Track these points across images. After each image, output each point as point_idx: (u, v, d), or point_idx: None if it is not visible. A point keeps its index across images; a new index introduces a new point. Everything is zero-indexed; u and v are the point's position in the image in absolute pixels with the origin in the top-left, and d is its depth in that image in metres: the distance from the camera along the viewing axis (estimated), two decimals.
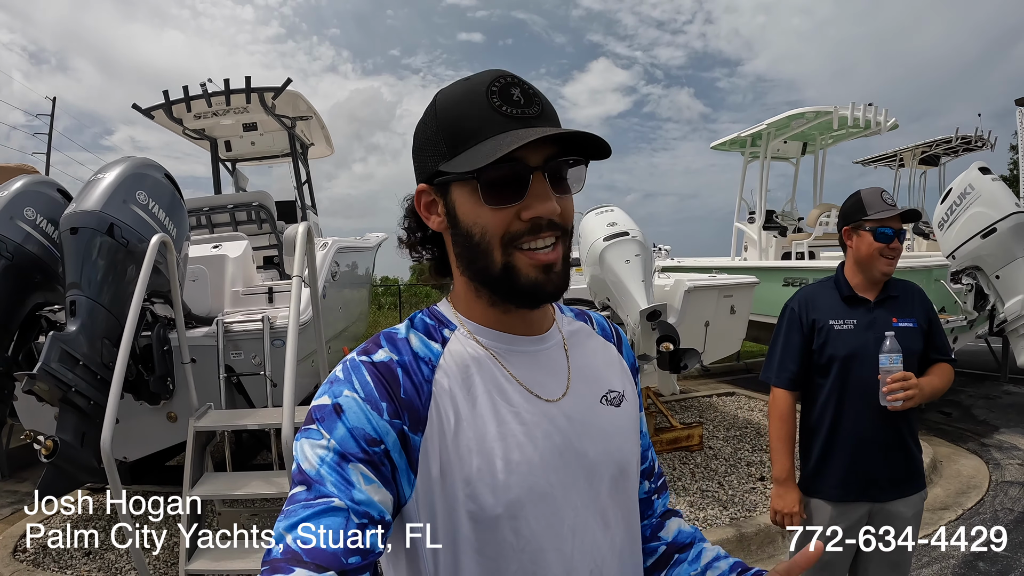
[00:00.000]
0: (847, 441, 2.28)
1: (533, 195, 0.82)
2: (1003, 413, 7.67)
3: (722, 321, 6.23)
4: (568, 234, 0.88)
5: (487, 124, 0.81)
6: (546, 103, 0.86)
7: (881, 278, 2.34)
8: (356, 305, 7.81)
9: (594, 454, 0.91)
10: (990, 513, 4.76)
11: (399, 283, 24.71)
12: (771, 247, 10.42)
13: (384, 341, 0.88)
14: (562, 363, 0.96)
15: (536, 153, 0.82)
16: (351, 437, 0.77)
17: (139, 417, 4.17)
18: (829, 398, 2.32)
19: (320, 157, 9.29)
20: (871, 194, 2.35)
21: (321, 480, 0.74)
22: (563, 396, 0.91)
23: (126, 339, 3.23)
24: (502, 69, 0.85)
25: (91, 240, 3.64)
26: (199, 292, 4.94)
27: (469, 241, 0.86)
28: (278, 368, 4.27)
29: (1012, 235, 6.49)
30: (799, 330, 2.39)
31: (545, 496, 0.85)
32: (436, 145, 0.86)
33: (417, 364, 0.86)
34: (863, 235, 2.32)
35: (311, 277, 3.87)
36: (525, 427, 0.86)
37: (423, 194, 0.91)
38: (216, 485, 3.47)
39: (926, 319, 2.36)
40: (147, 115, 6.82)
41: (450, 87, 0.87)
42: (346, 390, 0.80)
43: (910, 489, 2.29)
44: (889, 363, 2.13)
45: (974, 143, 11.53)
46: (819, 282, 2.51)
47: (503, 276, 0.85)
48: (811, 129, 9.68)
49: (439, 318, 0.94)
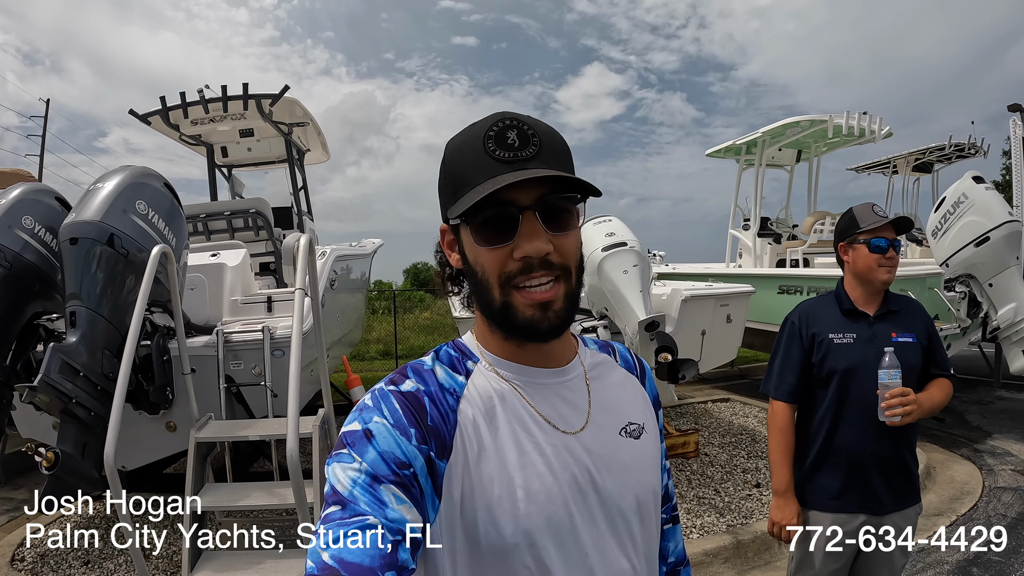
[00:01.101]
0: (845, 453, 2.30)
1: (522, 235, 0.85)
2: (996, 419, 7.75)
3: (719, 330, 6.26)
4: (569, 272, 0.89)
5: (479, 170, 0.85)
6: (547, 141, 0.87)
7: (882, 287, 2.37)
8: (353, 311, 7.82)
9: (613, 486, 0.92)
10: (983, 519, 4.80)
11: (393, 288, 24.73)
12: (766, 254, 10.49)
13: (411, 372, 0.91)
14: (583, 395, 0.97)
15: (527, 193, 0.84)
16: (382, 460, 0.79)
17: (138, 426, 4.16)
18: (828, 410, 2.34)
19: (316, 163, 9.30)
20: (862, 208, 2.40)
21: (355, 500, 0.76)
22: (583, 428, 0.93)
23: (128, 350, 3.23)
24: (507, 112, 0.88)
25: (91, 250, 3.64)
26: (197, 301, 4.94)
27: (474, 279, 0.90)
28: (278, 378, 4.28)
29: (1005, 244, 6.56)
30: (799, 343, 2.41)
31: (563, 526, 0.87)
32: (444, 189, 0.92)
33: (443, 394, 0.89)
34: (858, 248, 2.36)
35: (312, 288, 3.88)
36: (545, 458, 0.88)
37: (444, 234, 0.97)
38: (217, 496, 3.47)
39: (926, 334, 2.39)
40: (144, 121, 6.82)
41: (457, 134, 0.91)
42: (376, 416, 0.83)
43: (906, 503, 2.32)
44: (888, 378, 2.15)
45: (967, 150, 11.62)
46: (820, 296, 2.53)
47: (502, 313, 0.88)
48: (806, 137, 9.74)
49: (463, 350, 0.97)
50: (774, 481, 2.46)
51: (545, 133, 0.88)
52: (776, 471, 2.45)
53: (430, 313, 20.87)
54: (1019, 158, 7.73)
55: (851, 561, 2.38)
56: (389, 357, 15.13)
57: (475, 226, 0.86)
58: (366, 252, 7.99)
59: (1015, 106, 7.73)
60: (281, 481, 3.73)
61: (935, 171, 12.69)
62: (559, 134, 0.91)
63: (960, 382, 9.59)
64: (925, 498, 5.16)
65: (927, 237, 7.56)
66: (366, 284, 8.83)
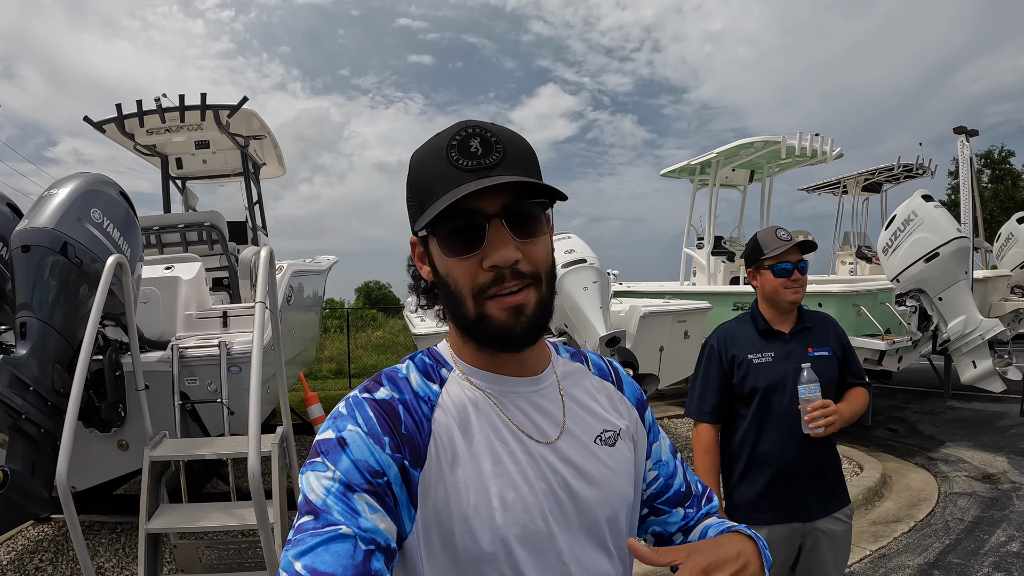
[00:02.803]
0: (770, 467, 2.37)
1: (490, 243, 0.84)
2: (947, 428, 8.05)
3: (676, 346, 6.35)
4: (539, 279, 0.88)
5: (443, 180, 0.84)
6: (511, 147, 0.87)
7: (791, 308, 2.45)
8: (308, 329, 7.69)
9: (587, 495, 0.92)
10: (941, 523, 4.98)
11: (345, 306, 24.45)
12: (720, 272, 10.71)
13: (385, 380, 0.91)
14: (557, 404, 0.97)
15: (492, 201, 0.84)
16: (355, 468, 0.79)
17: (88, 445, 3.98)
18: (751, 427, 2.41)
19: (272, 177, 9.15)
20: (766, 234, 2.48)
21: (328, 509, 0.75)
22: (558, 438, 0.93)
23: (81, 364, 3.10)
24: (471, 120, 0.87)
25: (43, 259, 3.49)
26: (151, 315, 4.76)
27: (447, 291, 0.89)
28: (235, 395, 4.17)
29: (954, 259, 6.86)
30: (718, 366, 2.48)
31: (540, 535, 0.87)
32: (411, 202, 0.91)
33: (417, 403, 0.89)
34: (764, 274, 2.44)
35: (271, 302, 3.79)
36: (520, 467, 0.88)
37: (415, 246, 0.96)
38: (174, 517, 3.34)
39: (840, 346, 2.49)
40: (99, 129, 6.62)
41: (422, 145, 0.90)
42: (350, 424, 0.83)
43: (836, 505, 2.39)
44: (808, 393, 2.24)
45: (915, 170, 12.11)
46: (736, 318, 2.61)
47: (477, 323, 0.87)
48: (759, 158, 10.02)
49: (437, 358, 0.97)
50: None
51: (509, 140, 0.87)
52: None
53: (383, 332, 20.73)
54: (966, 177, 8.06)
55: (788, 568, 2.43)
56: (342, 376, 14.93)
57: (442, 237, 0.86)
58: (321, 268, 7.87)
59: (961, 128, 8.09)
60: (239, 501, 3.62)
61: (884, 191, 13.18)
62: (524, 140, 0.90)
63: (912, 394, 9.99)
64: (883, 505, 5.37)
65: (878, 254, 7.83)
66: (320, 302, 8.70)
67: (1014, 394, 8.45)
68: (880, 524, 4.95)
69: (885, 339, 6.92)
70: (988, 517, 5.01)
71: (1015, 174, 34.67)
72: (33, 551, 4.57)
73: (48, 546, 4.66)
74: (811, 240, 2.49)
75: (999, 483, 5.81)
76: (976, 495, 5.53)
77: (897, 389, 10.58)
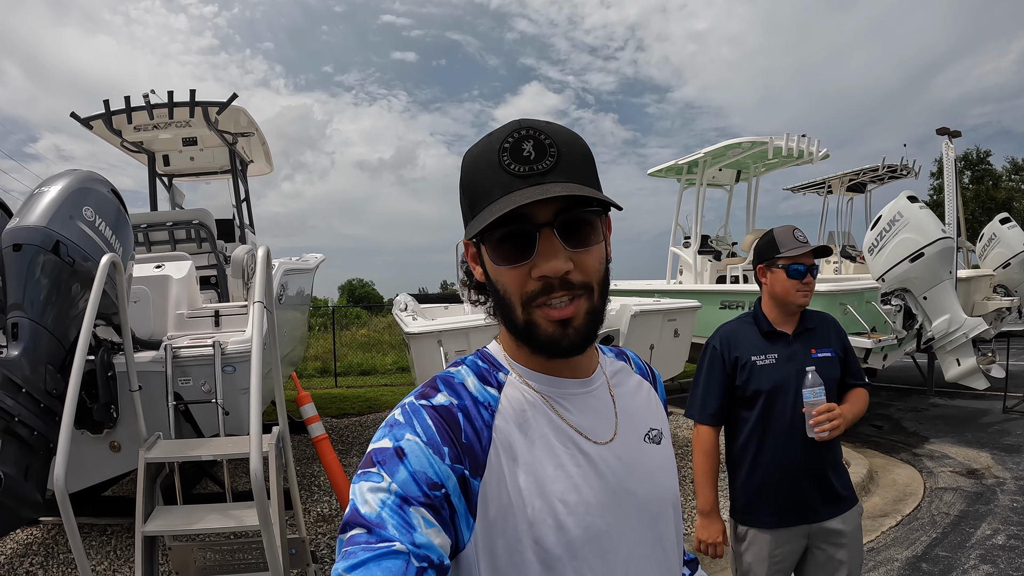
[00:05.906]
0: (775, 469, 2.36)
1: (540, 253, 0.82)
2: (931, 424, 8.17)
3: (666, 344, 6.37)
4: (591, 289, 0.86)
5: (495, 185, 0.82)
6: (566, 151, 0.84)
7: (797, 310, 2.45)
8: (297, 328, 7.63)
9: (643, 493, 0.93)
10: (928, 518, 5.07)
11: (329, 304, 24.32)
12: (706, 271, 10.76)
13: (442, 385, 0.89)
14: (608, 404, 0.97)
15: (544, 209, 0.82)
16: (413, 481, 0.76)
17: (80, 446, 3.90)
18: (755, 429, 2.40)
19: (260, 175, 9.08)
20: (783, 233, 2.47)
21: (382, 524, 0.73)
22: (613, 438, 0.93)
23: (77, 365, 3.04)
24: (524, 119, 0.85)
25: (35, 258, 3.42)
26: (141, 314, 4.69)
27: (497, 296, 0.88)
28: (230, 395, 4.12)
29: (939, 259, 6.97)
30: (721, 368, 2.47)
31: (601, 536, 0.86)
32: (463, 204, 0.89)
33: (477, 409, 0.87)
34: (777, 272, 2.43)
35: (268, 301, 3.76)
36: (580, 469, 0.87)
37: (468, 247, 0.94)
38: (170, 519, 3.30)
39: (842, 347, 2.49)
40: (85, 125, 6.52)
41: (474, 145, 0.88)
42: (408, 434, 0.80)
43: (844, 506, 2.38)
44: (813, 396, 2.24)
45: (899, 171, 12.23)
46: (738, 319, 2.60)
47: (525, 330, 0.86)
48: (746, 158, 10.08)
49: (492, 361, 0.95)
50: (699, 502, 2.53)
51: (564, 143, 0.84)
52: (702, 492, 2.52)
53: (367, 330, 20.63)
54: (951, 178, 8.16)
55: (793, 569, 2.44)
56: (328, 375, 14.83)
57: (492, 244, 0.84)
58: (309, 267, 7.80)
59: (943, 129, 8.19)
60: (235, 503, 3.58)
61: (868, 191, 13.30)
62: (581, 140, 0.88)
63: (896, 391, 10.13)
64: (870, 500, 5.43)
65: (863, 253, 7.93)
66: (308, 300, 8.63)
67: (997, 391, 8.62)
68: (868, 519, 5.01)
69: (871, 337, 7.01)
70: (973, 511, 5.11)
71: (995, 175, 35.27)
72: (23, 554, 4.50)
73: (38, 549, 4.59)
74: (829, 246, 2.50)
75: (983, 478, 5.92)
76: (961, 490, 5.63)
77: (880, 386, 10.72)
